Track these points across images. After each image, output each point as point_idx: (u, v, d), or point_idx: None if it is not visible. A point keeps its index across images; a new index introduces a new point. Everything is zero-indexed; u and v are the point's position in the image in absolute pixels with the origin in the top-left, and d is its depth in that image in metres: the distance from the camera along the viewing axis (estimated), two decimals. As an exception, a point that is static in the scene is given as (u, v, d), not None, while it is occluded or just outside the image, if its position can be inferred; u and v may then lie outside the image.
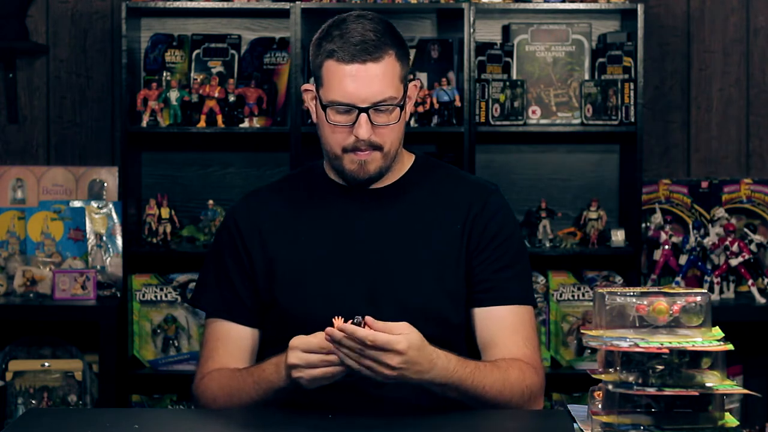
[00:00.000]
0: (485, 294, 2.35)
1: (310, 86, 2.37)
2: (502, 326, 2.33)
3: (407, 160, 2.43)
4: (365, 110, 2.26)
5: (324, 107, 2.30)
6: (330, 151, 2.33)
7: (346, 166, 2.32)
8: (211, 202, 4.25)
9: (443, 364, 2.16)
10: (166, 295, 4.20)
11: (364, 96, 2.26)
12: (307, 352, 2.11)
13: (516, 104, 4.21)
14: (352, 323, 2.07)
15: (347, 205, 2.38)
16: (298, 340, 2.13)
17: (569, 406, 2.15)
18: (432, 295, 2.32)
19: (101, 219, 4.27)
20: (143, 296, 4.20)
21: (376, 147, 2.30)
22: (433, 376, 2.15)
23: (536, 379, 2.30)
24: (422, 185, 2.40)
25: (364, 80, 2.26)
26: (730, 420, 1.90)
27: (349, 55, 2.26)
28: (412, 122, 4.14)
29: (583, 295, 4.22)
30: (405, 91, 2.33)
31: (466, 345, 2.38)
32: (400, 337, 2.08)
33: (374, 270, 2.33)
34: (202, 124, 4.14)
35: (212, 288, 2.41)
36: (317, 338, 2.11)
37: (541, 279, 4.24)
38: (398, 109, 2.30)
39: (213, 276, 2.42)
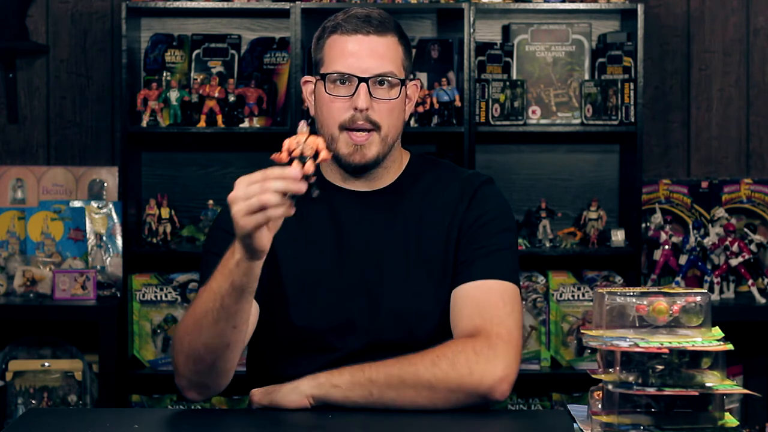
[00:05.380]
0: (457, 276, 2.29)
1: (310, 78, 2.37)
2: (460, 303, 2.25)
3: (404, 159, 2.41)
4: (365, 80, 2.26)
5: (323, 78, 2.28)
6: (327, 133, 2.30)
7: (341, 150, 2.29)
8: (211, 202, 4.25)
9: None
10: (166, 295, 4.20)
11: (365, 66, 2.26)
12: (250, 185, 1.97)
13: (516, 104, 4.21)
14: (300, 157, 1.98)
15: (345, 207, 2.35)
16: (243, 176, 1.99)
17: (569, 406, 2.15)
18: (429, 299, 2.30)
19: (101, 219, 4.27)
20: (143, 296, 4.20)
21: (374, 125, 2.28)
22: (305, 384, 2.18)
23: (471, 344, 2.18)
24: (418, 186, 2.38)
25: (366, 51, 2.27)
26: (730, 420, 1.90)
27: (353, 26, 2.28)
28: (411, 122, 4.14)
29: (583, 295, 4.22)
30: (405, 84, 2.32)
31: None
32: None
33: (371, 276, 2.30)
34: (202, 124, 4.14)
35: (213, 267, 2.23)
36: (261, 171, 1.98)
37: (541, 279, 4.23)
38: (399, 88, 2.29)
39: (214, 258, 2.23)
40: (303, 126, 1.99)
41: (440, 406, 2.18)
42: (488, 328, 2.21)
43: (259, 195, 1.94)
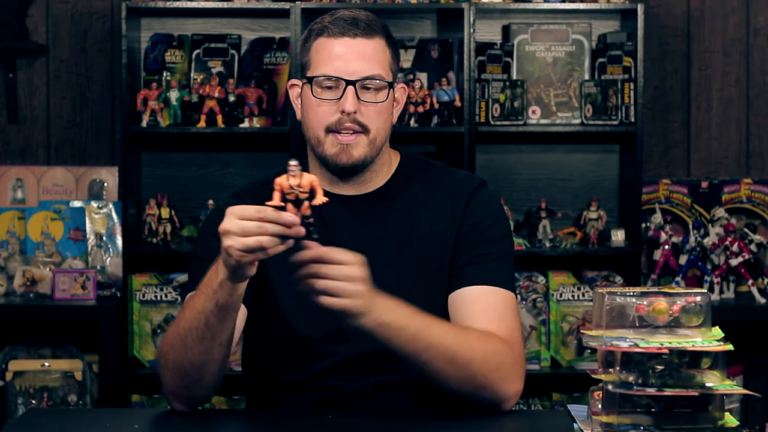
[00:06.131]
0: (456, 278, 2.27)
1: (296, 81, 2.34)
2: (473, 306, 2.23)
3: (393, 161, 2.37)
4: (352, 83, 2.23)
5: (310, 81, 2.25)
6: (313, 136, 2.27)
7: (327, 150, 2.25)
8: (211, 202, 4.25)
9: (382, 297, 2.09)
10: (166, 295, 4.20)
11: (352, 69, 2.23)
12: (243, 220, 1.95)
13: (516, 104, 4.21)
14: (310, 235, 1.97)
15: (334, 212, 2.29)
16: (235, 207, 1.97)
17: (569, 406, 2.15)
18: (423, 304, 2.23)
19: (101, 219, 4.27)
20: (143, 296, 4.20)
21: (362, 128, 2.24)
22: (379, 308, 2.07)
23: (507, 350, 2.19)
24: (408, 189, 2.34)
25: (353, 53, 2.24)
26: (730, 420, 1.90)
27: (339, 29, 2.25)
28: (411, 122, 4.14)
29: (583, 295, 4.22)
30: (393, 87, 2.29)
31: None
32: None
33: None
34: (202, 124, 4.14)
35: (201, 273, 2.23)
36: (255, 208, 1.95)
37: (541, 279, 4.23)
38: (387, 90, 2.26)
39: (204, 264, 2.22)
40: (296, 168, 1.95)
41: (456, 390, 2.17)
42: (507, 336, 2.22)
43: (258, 237, 1.94)
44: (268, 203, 1.95)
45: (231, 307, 2.07)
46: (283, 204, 1.95)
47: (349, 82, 2.23)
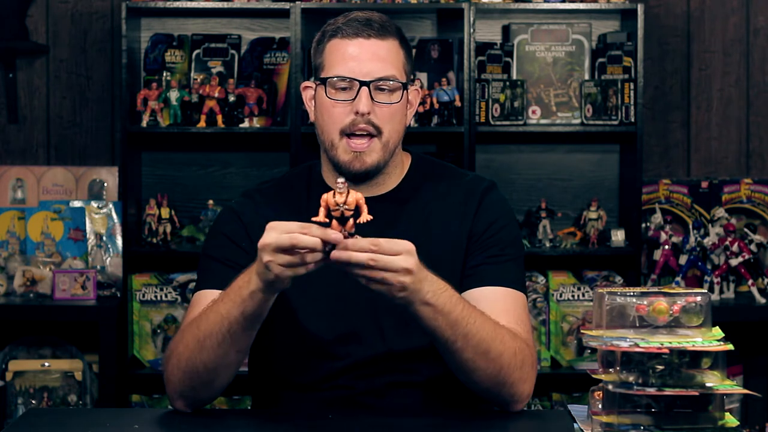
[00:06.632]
0: (470, 278, 2.27)
1: (309, 83, 2.33)
2: (490, 305, 2.22)
3: (405, 162, 2.38)
4: (366, 84, 2.23)
5: (324, 82, 2.25)
6: (327, 139, 2.26)
7: (340, 157, 2.25)
8: (211, 202, 4.25)
9: (432, 277, 2.08)
10: (166, 295, 4.20)
11: (366, 70, 2.23)
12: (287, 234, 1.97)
13: (516, 104, 4.21)
14: (344, 232, 1.97)
15: None
16: (277, 222, 1.99)
17: (569, 406, 2.15)
18: None
19: (101, 219, 4.27)
20: (143, 296, 4.20)
21: (376, 130, 2.24)
22: (427, 289, 2.06)
23: (529, 351, 2.20)
24: (420, 191, 2.34)
25: (367, 54, 2.24)
26: (730, 420, 1.90)
27: (353, 30, 2.25)
28: (412, 122, 4.13)
29: (583, 295, 4.22)
30: (407, 89, 2.29)
31: None
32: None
33: None
34: (202, 124, 4.14)
35: (212, 272, 2.28)
36: (298, 224, 1.98)
37: (541, 279, 4.23)
38: (401, 92, 2.26)
39: (214, 263, 2.29)
40: (343, 186, 1.98)
41: (477, 383, 2.17)
42: (527, 339, 2.22)
43: (303, 254, 1.96)
44: (314, 219, 1.97)
45: (257, 318, 2.10)
46: (327, 220, 1.98)
47: (363, 83, 2.23)
